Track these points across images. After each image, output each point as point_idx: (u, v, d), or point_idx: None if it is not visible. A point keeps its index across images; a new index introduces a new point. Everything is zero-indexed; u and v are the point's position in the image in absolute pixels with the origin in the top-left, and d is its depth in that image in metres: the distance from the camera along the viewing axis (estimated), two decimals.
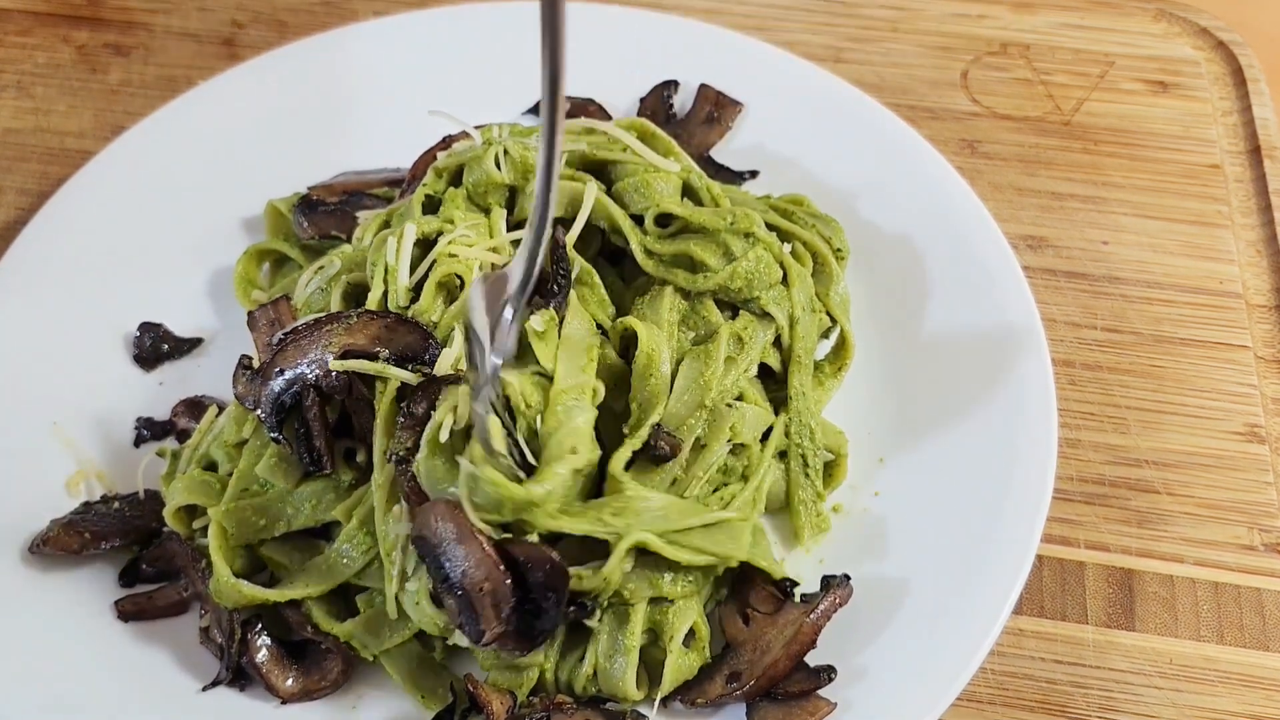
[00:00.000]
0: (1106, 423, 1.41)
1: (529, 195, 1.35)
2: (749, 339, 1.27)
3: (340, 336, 1.20)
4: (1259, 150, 1.65)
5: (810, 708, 1.11)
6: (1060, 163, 1.66)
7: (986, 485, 1.24)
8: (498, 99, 1.62)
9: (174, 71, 1.80)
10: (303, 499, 1.23)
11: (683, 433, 1.21)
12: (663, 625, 1.16)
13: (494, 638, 1.08)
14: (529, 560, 1.09)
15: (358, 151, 1.59)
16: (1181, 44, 1.80)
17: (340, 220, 1.47)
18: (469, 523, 1.09)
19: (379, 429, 1.19)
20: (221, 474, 1.29)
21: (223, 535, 1.22)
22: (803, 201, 1.46)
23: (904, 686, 1.13)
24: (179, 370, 1.44)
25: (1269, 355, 1.47)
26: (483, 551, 1.08)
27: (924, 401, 1.34)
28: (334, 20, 1.83)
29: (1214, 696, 1.22)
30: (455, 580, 1.08)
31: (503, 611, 1.08)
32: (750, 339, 1.28)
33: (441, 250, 1.26)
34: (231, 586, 1.19)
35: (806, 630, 1.14)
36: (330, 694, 1.20)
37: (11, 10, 1.89)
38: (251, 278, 1.49)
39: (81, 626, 1.22)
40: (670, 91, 1.62)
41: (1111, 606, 1.28)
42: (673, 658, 1.14)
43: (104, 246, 1.49)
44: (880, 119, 1.55)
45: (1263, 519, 1.33)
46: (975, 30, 1.83)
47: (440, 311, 1.24)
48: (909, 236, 1.45)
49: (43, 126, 1.75)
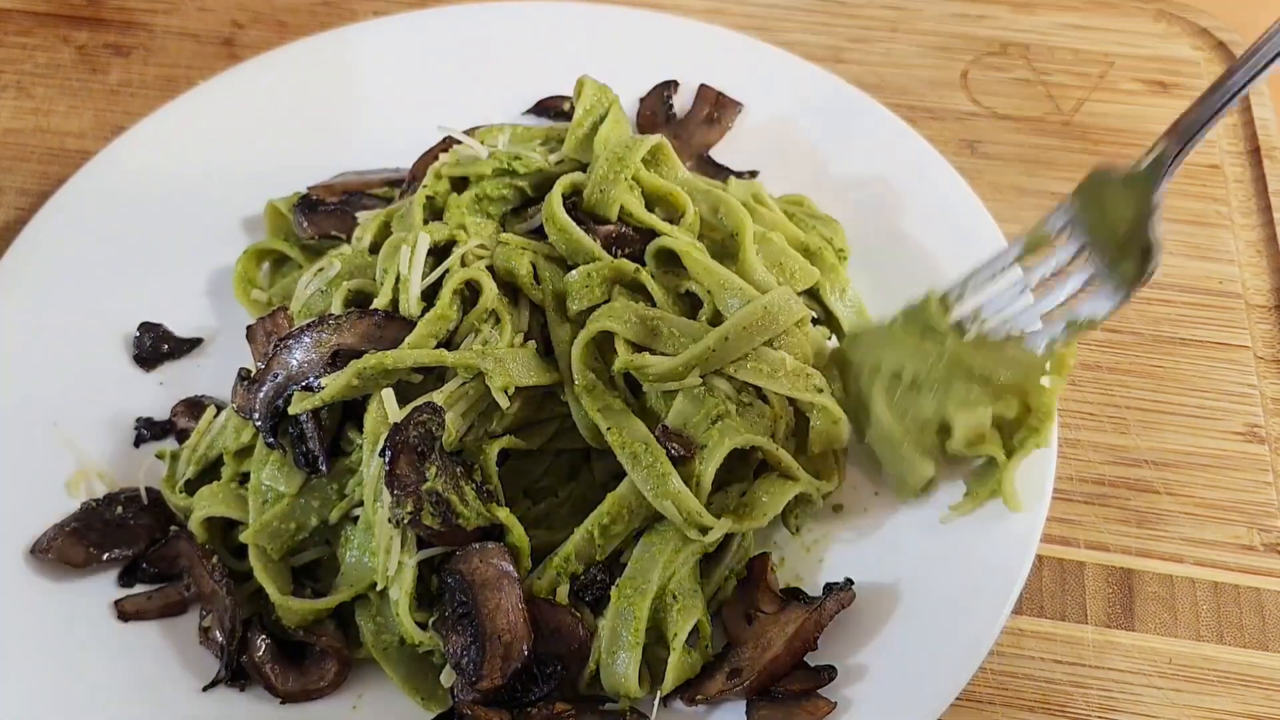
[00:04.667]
0: (1106, 423, 1.41)
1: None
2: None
3: (330, 337, 1.21)
4: (1259, 150, 1.65)
5: (810, 707, 1.11)
6: (1060, 163, 1.66)
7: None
8: (498, 99, 1.63)
9: (174, 71, 1.81)
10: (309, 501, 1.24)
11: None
12: (666, 623, 1.16)
13: (489, 688, 1.09)
14: (557, 628, 1.12)
15: (358, 151, 1.59)
16: (1181, 44, 1.80)
17: (340, 220, 1.47)
18: (515, 574, 1.12)
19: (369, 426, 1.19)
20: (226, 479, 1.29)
21: (263, 556, 1.23)
22: (803, 201, 1.46)
23: (904, 686, 1.13)
24: (179, 370, 1.44)
25: (1269, 355, 1.47)
26: (518, 603, 1.11)
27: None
28: (334, 20, 1.84)
29: (1213, 696, 1.22)
30: (475, 618, 1.10)
31: (510, 667, 1.09)
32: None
33: (454, 260, 1.26)
34: (285, 605, 1.20)
35: (808, 628, 1.14)
36: (329, 694, 1.20)
37: (11, 10, 1.89)
38: (251, 277, 1.49)
39: (81, 626, 1.22)
40: (670, 91, 1.63)
41: (1111, 606, 1.28)
42: (676, 655, 1.15)
43: (104, 246, 1.49)
44: (880, 119, 1.55)
45: (1262, 519, 1.33)
46: (975, 30, 1.83)
47: (458, 317, 1.24)
48: (909, 236, 1.45)
49: (43, 126, 1.75)
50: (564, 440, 1.28)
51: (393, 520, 1.13)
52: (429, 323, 1.22)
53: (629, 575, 1.18)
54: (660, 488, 1.16)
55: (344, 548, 1.23)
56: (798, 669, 1.15)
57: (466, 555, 1.13)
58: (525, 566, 1.18)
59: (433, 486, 1.12)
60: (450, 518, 1.12)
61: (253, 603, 1.24)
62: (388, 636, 1.20)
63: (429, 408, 1.15)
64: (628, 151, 1.33)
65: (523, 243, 1.30)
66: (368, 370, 1.18)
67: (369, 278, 1.33)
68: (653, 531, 1.20)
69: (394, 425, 1.14)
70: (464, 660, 1.11)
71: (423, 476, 1.12)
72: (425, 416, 1.14)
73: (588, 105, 1.45)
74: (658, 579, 1.16)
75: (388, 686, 1.20)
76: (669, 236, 1.30)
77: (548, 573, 1.18)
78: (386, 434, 1.14)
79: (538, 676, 1.13)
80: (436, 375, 1.23)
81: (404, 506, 1.11)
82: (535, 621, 1.13)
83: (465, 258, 1.28)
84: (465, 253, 1.28)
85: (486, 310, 1.24)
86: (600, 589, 1.18)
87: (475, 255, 1.29)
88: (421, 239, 1.27)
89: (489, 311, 1.25)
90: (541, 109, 1.63)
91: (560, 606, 1.16)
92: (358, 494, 1.22)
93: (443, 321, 1.23)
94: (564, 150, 1.44)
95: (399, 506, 1.11)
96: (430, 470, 1.13)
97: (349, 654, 1.21)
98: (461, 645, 1.11)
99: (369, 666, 1.21)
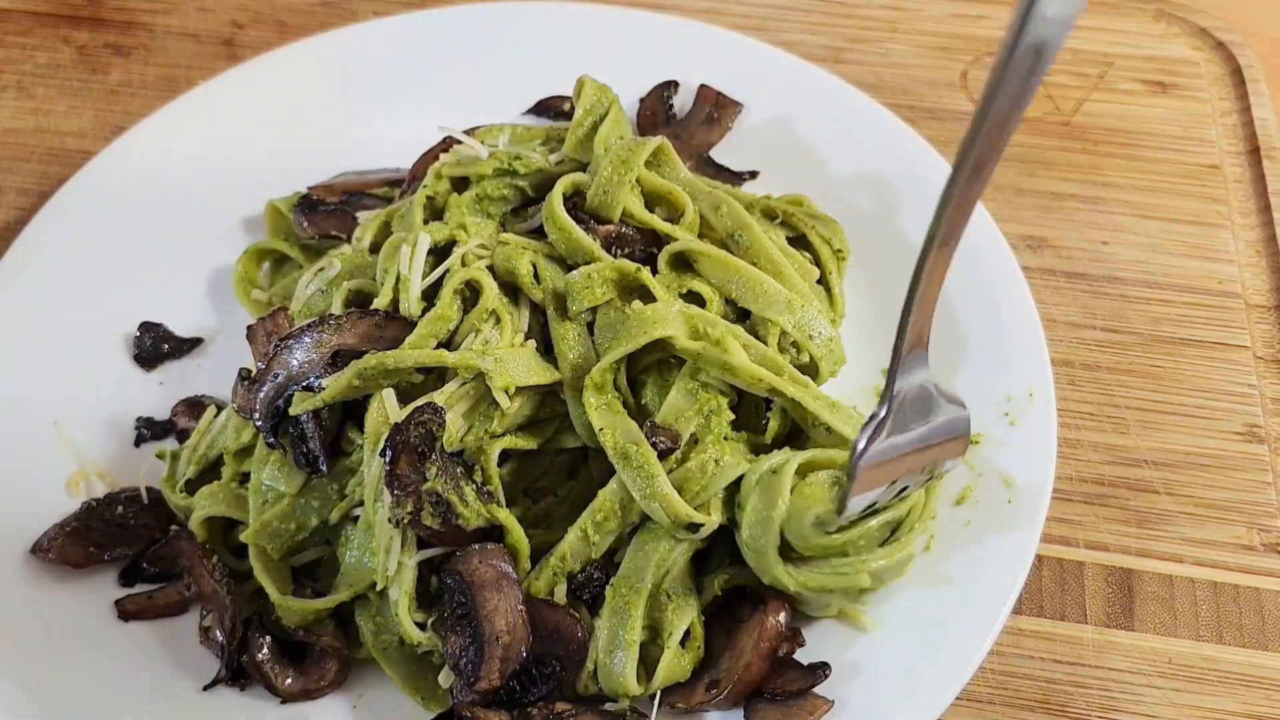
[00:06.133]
0: (1106, 423, 1.41)
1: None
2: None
3: (331, 337, 1.21)
4: (1258, 151, 1.65)
5: (809, 706, 1.12)
6: (1060, 163, 1.66)
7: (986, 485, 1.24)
8: (498, 99, 1.63)
9: (174, 71, 1.81)
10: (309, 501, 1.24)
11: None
12: (661, 622, 1.16)
13: (487, 689, 1.09)
14: (556, 629, 1.12)
15: (358, 151, 1.59)
16: (1180, 44, 1.80)
17: (340, 220, 1.47)
18: (514, 575, 1.12)
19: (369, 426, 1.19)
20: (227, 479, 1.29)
21: (263, 556, 1.23)
22: (803, 202, 1.46)
23: (904, 686, 1.13)
24: (179, 370, 1.44)
25: (1268, 355, 1.47)
26: (516, 605, 1.11)
27: None
28: (334, 20, 1.84)
29: (1213, 696, 1.22)
30: (474, 619, 1.10)
31: (508, 668, 1.09)
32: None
33: (455, 260, 1.27)
34: (285, 605, 1.20)
35: (769, 627, 1.14)
36: (329, 694, 1.20)
37: (11, 10, 1.89)
38: (251, 277, 1.49)
39: (81, 626, 1.22)
40: (670, 91, 1.63)
41: (1111, 606, 1.28)
42: (668, 654, 1.15)
43: (104, 246, 1.49)
44: (880, 119, 1.56)
45: (1262, 519, 1.33)
46: (974, 30, 1.83)
47: (458, 317, 1.24)
48: (909, 236, 1.45)
49: (43, 127, 1.75)
50: (564, 439, 1.28)
51: (393, 520, 1.13)
52: (429, 323, 1.22)
53: (623, 574, 1.18)
54: (649, 488, 1.16)
55: (344, 548, 1.23)
56: (791, 669, 1.15)
57: (466, 556, 1.13)
58: (524, 568, 1.18)
59: (433, 487, 1.12)
60: (450, 518, 1.12)
61: (253, 603, 1.25)
62: (387, 637, 1.20)
63: (430, 408, 1.15)
64: (631, 154, 1.34)
65: (523, 242, 1.31)
66: (368, 370, 1.18)
67: (369, 278, 1.34)
68: (646, 529, 1.20)
69: (395, 425, 1.14)
70: (462, 661, 1.11)
71: (423, 476, 1.12)
72: (426, 416, 1.14)
73: (588, 105, 1.45)
74: (652, 576, 1.17)
75: (388, 686, 1.20)
76: (684, 239, 1.31)
77: (545, 572, 1.19)
78: (387, 434, 1.14)
79: (536, 677, 1.13)
80: (437, 375, 1.23)
81: (404, 506, 1.11)
82: (534, 622, 1.13)
83: (465, 258, 1.28)
84: (465, 253, 1.28)
85: (487, 310, 1.24)
86: (597, 587, 1.19)
87: (475, 255, 1.29)
88: (422, 239, 1.27)
89: (489, 311, 1.25)
90: (541, 109, 1.64)
91: (558, 607, 1.16)
92: (358, 494, 1.21)
93: (443, 321, 1.23)
94: (564, 150, 1.44)
95: (399, 506, 1.11)
96: (430, 470, 1.13)
97: (349, 654, 1.21)
98: (460, 646, 1.11)
99: (369, 666, 1.21)
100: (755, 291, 1.29)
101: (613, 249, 1.30)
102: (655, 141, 1.37)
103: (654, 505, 1.16)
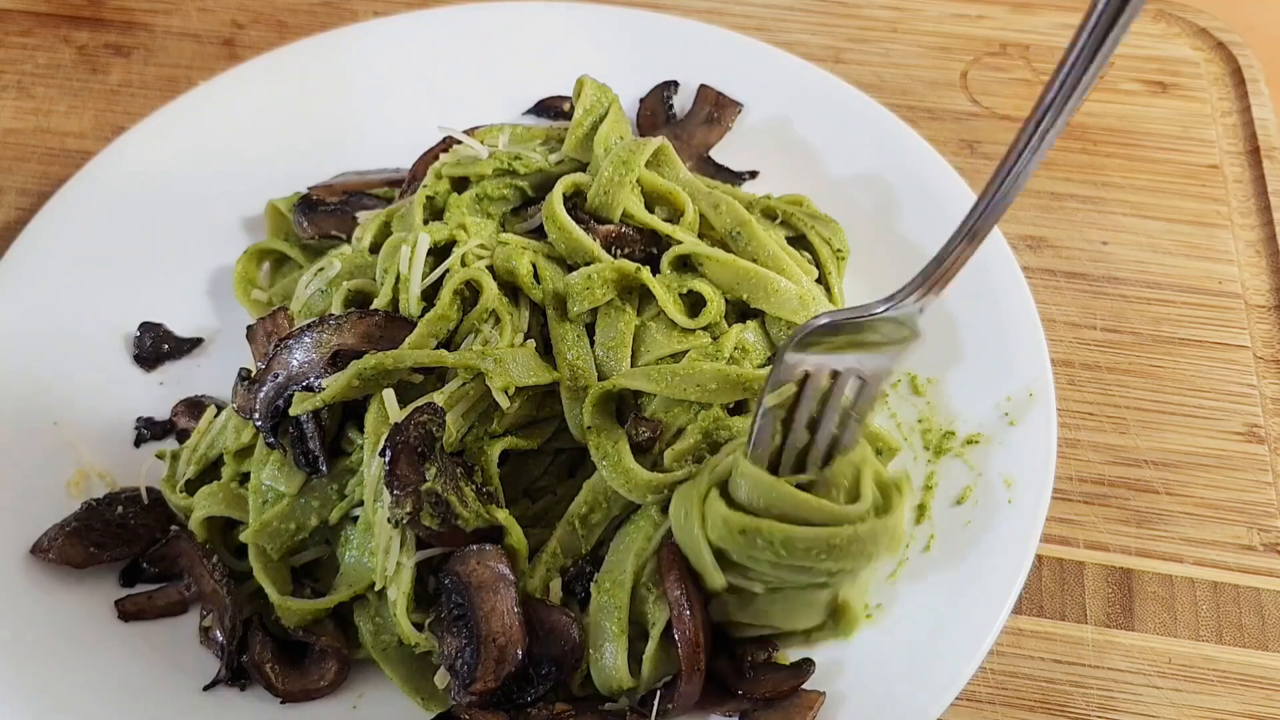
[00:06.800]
0: (1106, 423, 1.41)
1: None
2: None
3: (331, 338, 1.21)
4: (1258, 151, 1.65)
5: (804, 702, 1.12)
6: (1059, 163, 1.66)
7: (986, 485, 1.24)
8: (498, 99, 1.63)
9: (174, 71, 1.81)
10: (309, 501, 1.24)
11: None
12: (645, 615, 1.16)
13: (483, 690, 1.09)
14: (552, 630, 1.12)
15: (358, 151, 1.59)
16: (1180, 44, 1.80)
17: (340, 220, 1.47)
18: (511, 576, 1.12)
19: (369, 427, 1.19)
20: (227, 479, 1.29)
21: (263, 556, 1.23)
22: (803, 201, 1.46)
23: (904, 686, 1.13)
24: (179, 370, 1.44)
25: (1268, 355, 1.47)
26: (513, 606, 1.11)
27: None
28: (334, 20, 1.84)
29: (1213, 696, 1.22)
30: (470, 620, 1.09)
31: (504, 670, 1.09)
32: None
33: (455, 260, 1.27)
34: (285, 605, 1.20)
35: (686, 623, 1.11)
36: (329, 694, 1.20)
37: (12, 10, 1.89)
38: (251, 277, 1.49)
39: (81, 626, 1.22)
40: (670, 91, 1.63)
41: (1111, 606, 1.28)
42: (652, 647, 1.15)
43: (104, 246, 1.49)
44: (880, 119, 1.55)
45: (1262, 519, 1.33)
46: (975, 30, 1.83)
47: (458, 317, 1.24)
48: (909, 236, 1.45)
49: (43, 127, 1.75)
50: (563, 439, 1.28)
51: (392, 520, 1.13)
52: (429, 323, 1.22)
53: (606, 568, 1.19)
54: (615, 467, 1.18)
55: (343, 548, 1.23)
56: (774, 671, 1.15)
57: (464, 557, 1.13)
58: (523, 568, 1.18)
59: (432, 487, 1.12)
60: (449, 518, 1.12)
61: (253, 603, 1.25)
62: (387, 637, 1.20)
63: (429, 408, 1.15)
64: (632, 155, 1.34)
65: (523, 243, 1.31)
66: (368, 370, 1.18)
67: (369, 278, 1.34)
68: (629, 522, 1.21)
69: (394, 425, 1.14)
70: (458, 663, 1.11)
71: (422, 477, 1.12)
72: (425, 417, 1.14)
73: (588, 105, 1.45)
74: (632, 568, 1.17)
75: (388, 686, 1.20)
76: (688, 242, 1.31)
77: (539, 569, 1.19)
78: (387, 434, 1.14)
79: (532, 678, 1.13)
80: (437, 375, 1.23)
81: (404, 507, 1.11)
82: (530, 623, 1.14)
83: (465, 258, 1.28)
84: (465, 253, 1.28)
85: (487, 310, 1.24)
86: (589, 581, 1.19)
87: (475, 255, 1.29)
88: (421, 239, 1.27)
89: (489, 311, 1.25)
90: (541, 109, 1.64)
91: (555, 607, 1.16)
92: (358, 494, 1.22)
93: (443, 322, 1.23)
94: (564, 150, 1.44)
95: (399, 507, 1.11)
96: (430, 471, 1.13)
97: (349, 654, 1.21)
98: (456, 647, 1.11)
99: (369, 666, 1.21)
100: (767, 291, 1.29)
101: (613, 249, 1.30)
102: (656, 142, 1.37)
103: (617, 479, 1.18)
